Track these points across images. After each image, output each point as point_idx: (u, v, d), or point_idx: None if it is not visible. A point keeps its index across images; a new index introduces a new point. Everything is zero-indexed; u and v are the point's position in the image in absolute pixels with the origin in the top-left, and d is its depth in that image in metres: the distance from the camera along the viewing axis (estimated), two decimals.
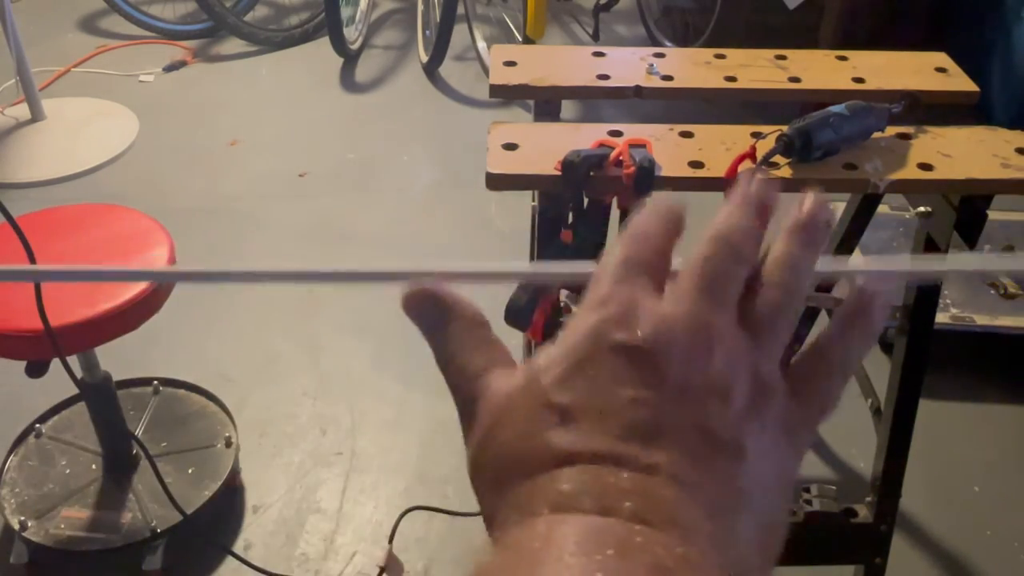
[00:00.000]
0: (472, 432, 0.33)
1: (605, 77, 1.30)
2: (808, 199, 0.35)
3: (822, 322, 1.79)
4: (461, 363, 0.35)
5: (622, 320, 0.31)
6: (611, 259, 0.34)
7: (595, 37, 3.22)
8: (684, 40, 3.17)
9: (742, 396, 0.31)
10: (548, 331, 1.24)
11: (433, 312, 0.36)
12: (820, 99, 1.27)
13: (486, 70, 3.13)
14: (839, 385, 0.35)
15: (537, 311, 1.16)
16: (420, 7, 3.38)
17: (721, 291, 0.32)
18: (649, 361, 0.31)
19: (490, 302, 0.43)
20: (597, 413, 0.30)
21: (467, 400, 0.34)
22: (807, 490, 1.45)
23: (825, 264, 0.36)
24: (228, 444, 1.78)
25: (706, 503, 0.29)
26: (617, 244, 0.35)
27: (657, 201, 0.37)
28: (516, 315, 1.15)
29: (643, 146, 1.13)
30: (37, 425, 1.80)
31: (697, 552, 0.28)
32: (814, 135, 1.11)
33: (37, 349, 1.42)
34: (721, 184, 1.12)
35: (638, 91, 1.29)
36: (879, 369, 1.63)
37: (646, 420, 0.30)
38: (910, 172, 1.14)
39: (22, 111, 2.94)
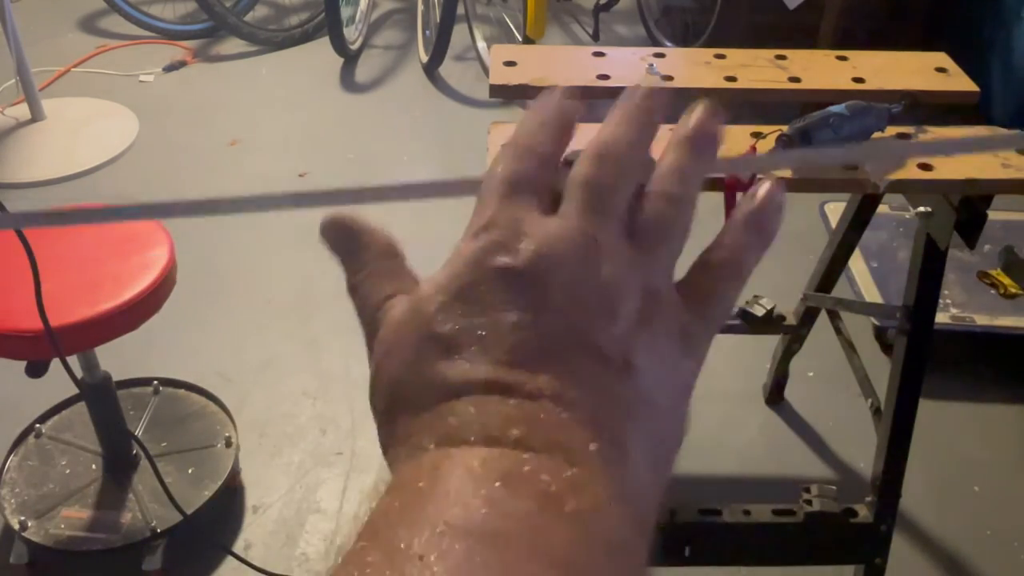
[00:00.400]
0: (370, 364, 0.33)
1: (605, 77, 1.30)
2: (698, 108, 0.35)
3: (822, 322, 1.79)
4: (365, 291, 0.35)
5: (504, 243, 0.31)
6: (494, 177, 0.33)
7: (595, 37, 3.22)
8: (684, 40, 3.17)
9: (630, 310, 0.31)
10: None
11: (345, 239, 0.36)
12: (820, 99, 1.27)
13: (486, 70, 3.13)
14: (734, 289, 0.34)
15: None
16: (420, 7, 3.38)
17: (606, 206, 0.32)
18: (532, 283, 0.30)
19: None
20: (480, 341, 0.30)
21: (368, 331, 0.33)
22: (807, 490, 1.45)
23: (721, 166, 0.35)
24: (228, 444, 1.78)
25: (593, 422, 0.29)
26: (500, 157, 0.34)
27: (542, 104, 0.35)
28: None
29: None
30: (37, 425, 1.80)
31: (585, 473, 0.27)
32: (814, 135, 1.12)
33: (37, 349, 1.42)
34: (721, 184, 1.12)
35: None
36: (879, 369, 1.63)
37: (530, 344, 0.29)
38: (910, 172, 1.14)
39: (22, 111, 2.94)
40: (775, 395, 2.00)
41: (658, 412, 0.31)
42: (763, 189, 0.35)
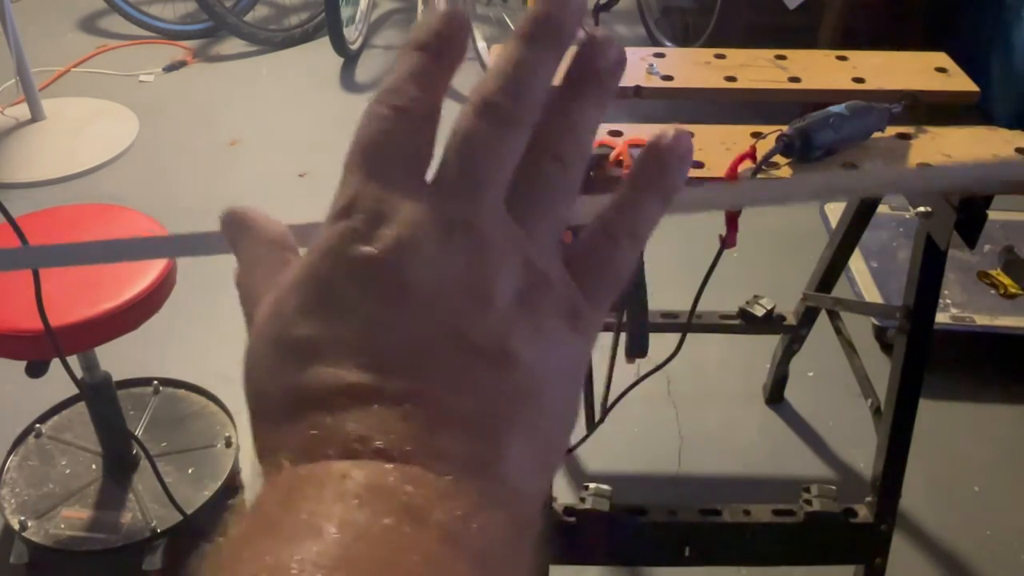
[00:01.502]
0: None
1: None
2: (596, 33, 0.30)
3: (822, 322, 1.79)
4: (245, 287, 0.32)
5: (363, 230, 0.27)
6: (359, 143, 0.29)
7: None
8: (684, 40, 3.17)
9: (507, 294, 0.27)
10: None
11: (237, 231, 0.33)
12: (820, 99, 1.27)
13: (486, 70, 3.13)
14: (629, 256, 0.30)
15: None
16: (420, 7, 3.38)
17: (483, 174, 0.28)
18: (393, 273, 0.27)
19: None
20: (339, 343, 0.27)
21: (247, 326, 0.31)
22: (807, 490, 1.45)
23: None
24: (228, 444, 1.78)
25: (465, 422, 0.26)
26: (366, 115, 0.29)
27: (417, 30, 0.30)
28: None
29: (643, 146, 1.13)
30: (37, 425, 1.80)
31: (453, 480, 0.25)
32: (814, 135, 1.12)
33: (37, 349, 1.42)
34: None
35: (638, 91, 1.29)
36: (879, 369, 1.63)
37: (393, 342, 0.27)
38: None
39: (22, 111, 2.94)
40: (775, 395, 2.00)
41: (542, 401, 0.28)
42: (667, 136, 0.31)
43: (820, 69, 1.33)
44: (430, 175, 0.29)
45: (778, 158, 1.13)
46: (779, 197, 0.37)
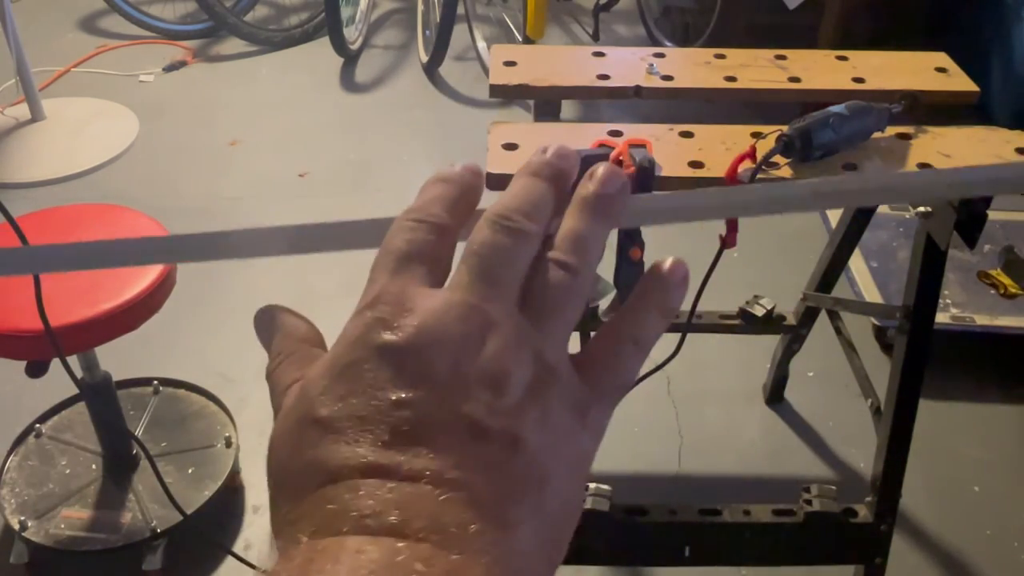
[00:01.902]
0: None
1: (605, 77, 1.30)
2: (599, 168, 0.34)
3: (822, 322, 1.79)
4: (275, 378, 0.34)
5: (388, 320, 0.30)
6: (387, 249, 0.32)
7: (595, 37, 3.22)
8: (684, 40, 3.17)
9: (519, 384, 0.30)
10: None
11: (268, 328, 0.36)
12: (820, 99, 1.27)
13: (486, 70, 3.13)
14: (633, 361, 0.33)
15: None
16: (420, 7, 3.38)
17: (497, 276, 0.31)
18: (414, 359, 0.29)
19: None
20: (360, 421, 0.29)
21: (274, 415, 0.33)
22: (807, 490, 1.45)
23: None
24: (228, 444, 1.78)
25: (475, 503, 0.28)
26: (394, 229, 0.33)
27: (441, 173, 0.35)
28: None
29: (643, 146, 1.13)
30: (37, 425, 1.80)
31: (463, 560, 0.26)
32: (814, 135, 1.12)
33: (37, 349, 1.42)
34: (721, 184, 1.12)
35: (638, 91, 1.29)
36: (879, 369, 1.63)
37: (410, 422, 0.28)
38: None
39: (22, 111, 2.94)
40: (775, 395, 2.00)
41: (549, 488, 0.30)
42: (667, 263, 0.34)
43: (820, 69, 1.33)
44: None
45: (778, 158, 1.13)
46: (768, 205, 0.37)
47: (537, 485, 0.29)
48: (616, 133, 1.19)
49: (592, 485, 1.44)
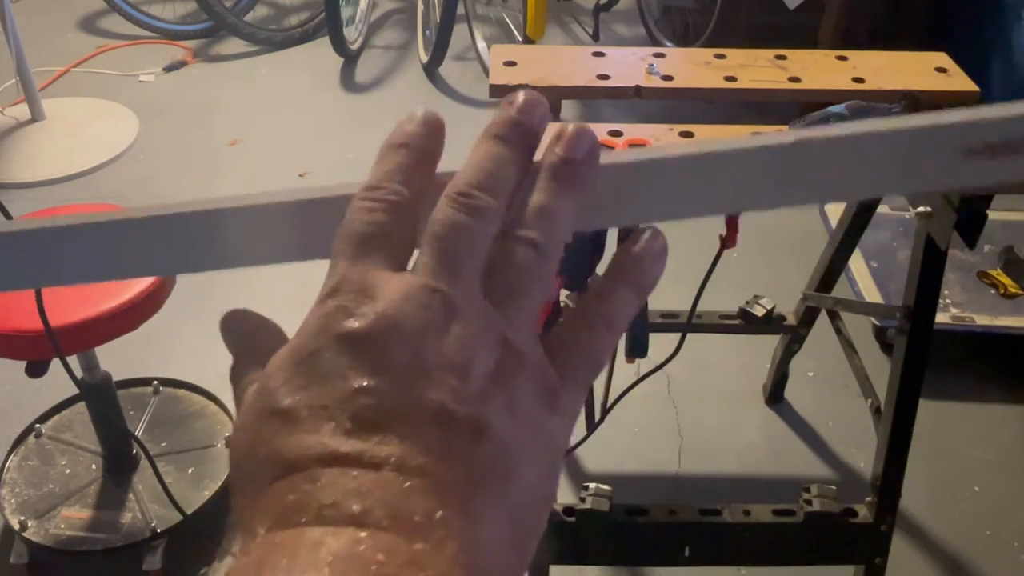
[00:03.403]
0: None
1: (605, 77, 1.30)
2: (567, 127, 0.32)
3: (822, 322, 1.79)
4: (238, 375, 0.33)
5: (348, 307, 0.29)
6: (345, 233, 0.31)
7: (595, 37, 3.22)
8: (684, 40, 3.17)
9: (483, 369, 0.29)
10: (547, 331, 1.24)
11: (235, 331, 0.35)
12: (820, 99, 1.27)
13: (486, 70, 3.13)
14: (604, 342, 0.32)
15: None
16: (420, 7, 3.38)
17: (460, 258, 0.30)
18: (376, 346, 0.28)
19: None
20: (322, 410, 0.28)
21: (236, 412, 0.32)
22: (807, 490, 1.45)
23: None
24: (228, 444, 1.78)
25: (440, 490, 0.27)
26: (351, 209, 0.32)
27: (396, 133, 0.33)
28: None
29: (643, 146, 1.13)
30: (37, 425, 1.80)
31: (427, 548, 0.26)
32: None
33: (37, 349, 1.42)
34: None
35: (638, 91, 1.29)
36: (879, 369, 1.63)
37: (373, 409, 0.28)
38: None
39: (22, 111, 2.94)
40: (775, 395, 2.00)
41: (516, 476, 0.29)
42: (643, 236, 0.33)
43: (820, 69, 1.33)
44: (411, 263, 0.31)
45: None
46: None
47: (504, 472, 0.28)
48: (616, 133, 1.19)
49: (592, 485, 1.44)
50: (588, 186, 0.32)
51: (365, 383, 0.28)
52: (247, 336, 0.35)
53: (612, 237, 1.19)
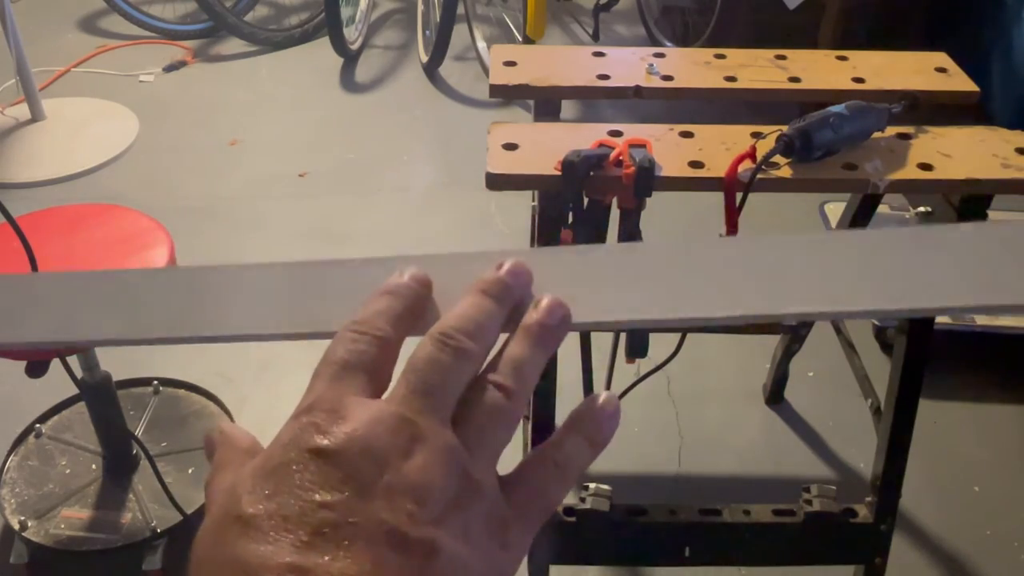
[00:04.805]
0: None
1: (605, 77, 1.30)
2: (543, 299, 0.35)
3: (822, 323, 1.79)
4: (211, 483, 0.34)
5: (323, 425, 0.31)
6: (328, 358, 0.34)
7: (595, 37, 3.22)
8: (684, 40, 3.17)
9: (442, 495, 0.31)
10: None
11: (214, 443, 0.36)
12: (820, 99, 1.27)
13: (486, 70, 3.13)
14: (557, 486, 0.34)
15: None
16: (420, 7, 3.38)
17: (433, 392, 0.32)
18: (343, 464, 0.30)
19: None
20: (282, 520, 0.29)
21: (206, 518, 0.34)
22: (807, 490, 1.45)
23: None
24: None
25: None
26: (337, 339, 0.34)
27: (388, 286, 0.36)
28: None
29: (643, 146, 1.13)
30: (37, 425, 1.80)
31: None
32: (814, 135, 1.11)
33: (37, 349, 1.42)
34: (721, 184, 1.12)
35: (638, 91, 1.29)
36: (879, 369, 1.63)
37: (332, 524, 0.29)
38: (910, 172, 1.14)
39: (22, 111, 2.94)
40: (775, 395, 2.00)
41: None
42: (601, 398, 0.36)
43: (820, 69, 1.33)
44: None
45: (778, 158, 1.13)
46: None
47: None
48: (616, 133, 1.19)
49: (592, 485, 1.44)
50: (556, 346, 0.35)
51: (328, 498, 0.29)
52: (224, 446, 0.36)
53: (612, 237, 1.19)
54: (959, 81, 1.30)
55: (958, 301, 0.35)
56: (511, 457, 0.33)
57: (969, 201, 1.20)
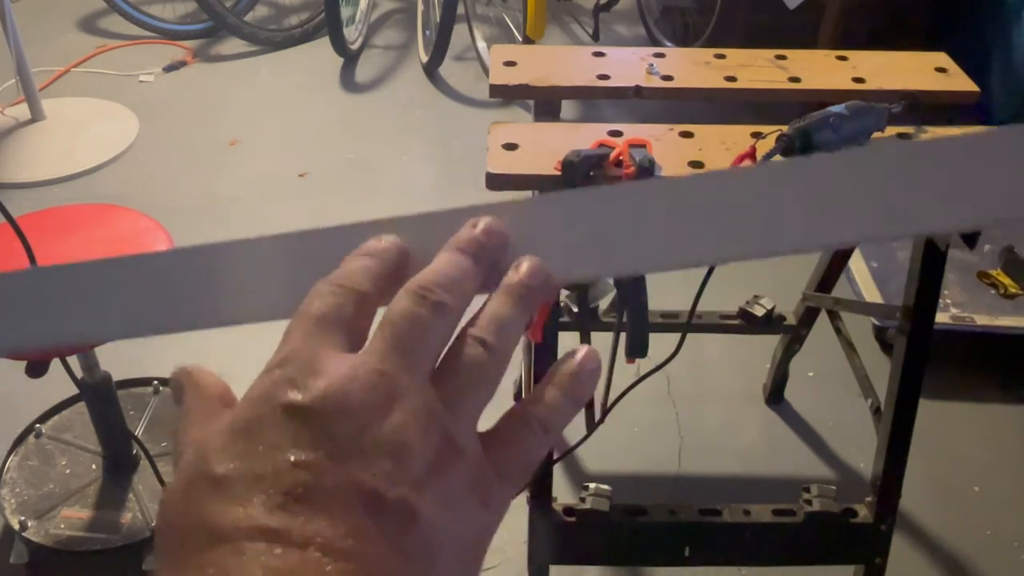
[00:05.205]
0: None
1: (605, 77, 1.30)
2: (524, 260, 0.34)
3: (822, 322, 1.79)
4: (179, 434, 0.33)
5: (297, 380, 0.29)
6: (303, 312, 0.32)
7: (595, 37, 3.22)
8: (684, 40, 3.17)
9: (421, 456, 0.29)
10: (547, 331, 1.24)
11: (182, 386, 0.35)
12: (820, 99, 1.27)
13: (486, 70, 3.13)
14: (539, 444, 0.33)
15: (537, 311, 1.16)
16: (420, 7, 3.38)
17: (411, 347, 0.31)
18: (318, 422, 0.29)
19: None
20: (255, 480, 0.28)
21: (173, 472, 0.32)
22: (807, 490, 1.45)
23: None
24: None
25: (363, 573, 0.27)
26: (313, 292, 0.33)
27: (367, 246, 0.35)
28: None
29: (643, 146, 1.13)
30: (37, 425, 1.80)
31: None
32: (814, 135, 1.11)
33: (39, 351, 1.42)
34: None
35: (638, 91, 1.29)
36: (879, 369, 1.63)
37: (306, 485, 0.28)
38: None
39: (22, 111, 2.94)
40: (775, 395, 2.00)
41: (442, 564, 0.29)
42: (580, 353, 0.35)
43: (820, 69, 1.33)
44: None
45: (778, 158, 1.13)
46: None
47: (428, 561, 0.29)
48: (616, 133, 1.19)
49: (592, 485, 1.44)
50: (536, 307, 0.34)
51: (302, 457, 0.28)
52: (193, 393, 0.34)
53: None
54: (959, 81, 1.30)
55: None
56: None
57: None
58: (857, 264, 2.21)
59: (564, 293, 1.20)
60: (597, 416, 1.50)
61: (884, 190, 0.33)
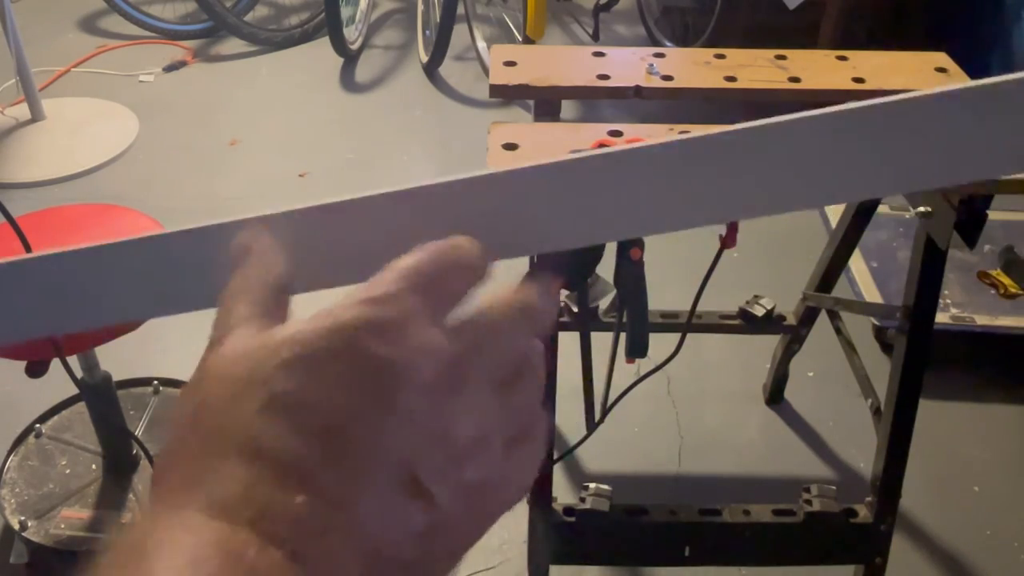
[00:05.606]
0: (194, 374, 0.30)
1: (605, 77, 1.30)
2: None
3: (822, 322, 1.79)
4: (230, 303, 0.31)
5: (387, 329, 0.28)
6: (414, 260, 0.30)
7: (595, 37, 3.22)
8: (684, 40, 3.17)
9: (464, 453, 0.29)
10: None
11: (244, 254, 0.33)
12: (820, 99, 1.26)
13: (486, 70, 3.13)
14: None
15: None
16: (420, 7, 3.38)
17: (490, 357, 0.30)
18: (390, 382, 0.28)
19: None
20: (307, 413, 0.27)
21: (211, 343, 0.31)
22: (807, 490, 1.45)
23: None
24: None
25: (358, 539, 0.27)
26: (427, 250, 0.31)
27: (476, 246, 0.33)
28: None
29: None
30: (37, 425, 1.80)
31: None
32: None
33: (37, 349, 1.42)
34: None
35: (638, 91, 1.29)
36: (879, 369, 1.63)
37: (347, 441, 0.27)
38: None
39: (22, 111, 2.94)
40: (775, 395, 2.00)
41: (461, 553, 0.30)
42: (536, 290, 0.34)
43: (820, 69, 1.33)
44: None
45: None
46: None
47: (452, 560, 0.29)
48: (616, 133, 1.19)
49: (592, 485, 1.44)
50: (547, 327, 0.33)
51: (358, 412, 0.27)
52: (254, 266, 0.33)
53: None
54: (959, 81, 1.30)
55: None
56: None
57: (969, 201, 1.20)
58: (857, 264, 2.21)
59: (564, 293, 1.20)
60: (597, 416, 1.50)
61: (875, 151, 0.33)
